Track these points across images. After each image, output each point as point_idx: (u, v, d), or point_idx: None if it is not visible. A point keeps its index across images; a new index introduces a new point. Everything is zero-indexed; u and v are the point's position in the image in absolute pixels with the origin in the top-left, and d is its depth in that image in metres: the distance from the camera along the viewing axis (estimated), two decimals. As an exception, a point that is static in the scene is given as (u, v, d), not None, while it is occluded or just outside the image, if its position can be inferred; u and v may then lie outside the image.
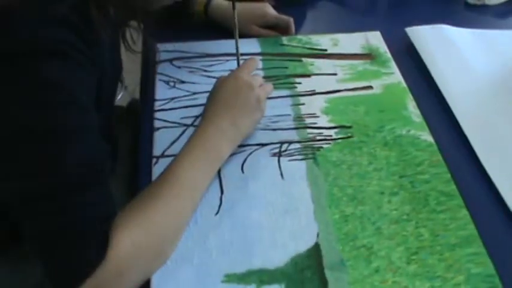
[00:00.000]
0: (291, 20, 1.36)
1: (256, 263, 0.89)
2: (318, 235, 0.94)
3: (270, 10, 1.35)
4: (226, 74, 1.07)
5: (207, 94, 1.06)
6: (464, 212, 0.99)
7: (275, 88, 1.17)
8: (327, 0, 1.54)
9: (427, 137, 1.12)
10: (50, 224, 0.76)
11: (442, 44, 1.36)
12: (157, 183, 0.90)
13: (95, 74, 0.85)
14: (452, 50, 1.35)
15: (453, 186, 1.03)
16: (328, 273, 0.89)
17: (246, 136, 1.04)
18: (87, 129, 0.81)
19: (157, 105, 1.16)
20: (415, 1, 1.60)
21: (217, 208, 0.97)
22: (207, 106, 1.03)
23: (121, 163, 1.19)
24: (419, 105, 1.20)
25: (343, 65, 1.29)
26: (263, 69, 1.25)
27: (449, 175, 1.05)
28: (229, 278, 0.87)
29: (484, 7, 1.60)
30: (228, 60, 1.25)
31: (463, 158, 1.11)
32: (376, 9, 1.59)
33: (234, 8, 1.10)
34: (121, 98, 1.45)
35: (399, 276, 0.89)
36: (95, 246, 0.77)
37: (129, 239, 0.80)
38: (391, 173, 1.04)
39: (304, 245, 0.92)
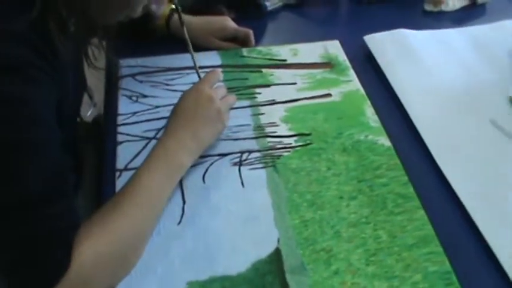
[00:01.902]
0: (250, 32, 1.38)
1: (219, 270, 0.91)
2: (278, 240, 0.96)
3: (230, 23, 1.38)
4: (188, 87, 1.09)
5: (169, 107, 1.07)
6: (421, 213, 1.01)
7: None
8: (287, 12, 1.56)
9: (384, 141, 1.15)
10: (13, 236, 0.77)
11: (400, 49, 1.39)
12: (120, 195, 0.92)
13: (55, 90, 0.86)
14: (410, 54, 1.38)
15: (410, 189, 1.05)
16: (289, 277, 0.90)
17: (207, 147, 1.06)
18: (49, 143, 0.82)
19: (120, 119, 1.17)
20: (373, 10, 1.63)
21: (179, 218, 0.99)
22: (169, 119, 1.04)
23: (87, 177, 1.20)
24: (378, 111, 1.22)
25: (302, 74, 1.31)
26: (224, 81, 1.26)
27: (406, 178, 1.07)
28: (192, 285, 0.89)
29: (441, 13, 1.64)
30: (189, 74, 1.27)
31: (421, 161, 1.13)
32: (336, 19, 1.61)
33: (182, 24, 1.13)
34: (90, 114, 1.46)
35: (358, 277, 0.91)
36: (59, 258, 0.78)
37: (93, 249, 0.81)
38: (350, 178, 1.07)
39: (265, 250, 0.94)
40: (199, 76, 1.13)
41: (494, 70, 1.36)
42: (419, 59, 1.38)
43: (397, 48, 1.39)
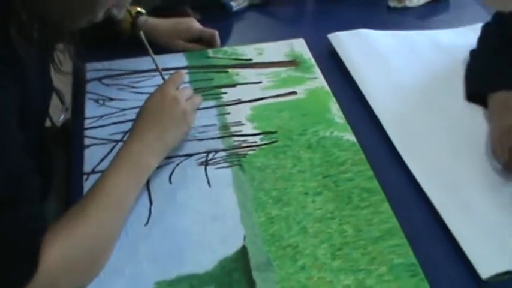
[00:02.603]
0: (216, 32, 1.39)
1: (186, 269, 0.92)
2: (244, 238, 0.97)
3: (195, 24, 1.39)
4: (154, 89, 1.10)
5: (136, 110, 1.08)
6: (386, 206, 1.03)
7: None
8: (253, 11, 1.57)
9: (349, 137, 1.16)
10: None
11: (362, 48, 1.41)
12: (86, 198, 0.92)
13: (17, 95, 0.86)
14: (373, 53, 1.41)
15: (375, 183, 1.07)
16: (255, 274, 0.91)
17: (172, 148, 1.07)
18: (11, 147, 0.82)
19: (87, 123, 1.18)
20: (339, 8, 1.65)
21: (146, 219, 0.99)
22: (135, 121, 1.05)
23: (58, 181, 1.20)
24: (342, 108, 1.24)
25: (267, 73, 1.33)
26: (190, 82, 1.28)
27: (371, 172, 1.09)
28: (160, 285, 0.89)
29: (405, 9, 1.66)
30: (155, 76, 1.28)
31: (385, 155, 1.15)
32: (301, 18, 1.63)
33: (139, 29, 1.16)
34: (63, 119, 1.46)
35: (324, 272, 0.92)
36: (26, 261, 0.78)
37: (60, 252, 0.82)
38: (315, 174, 1.08)
39: (231, 248, 0.95)
40: (163, 78, 1.14)
41: (454, 70, 1.39)
42: (382, 58, 1.40)
43: (361, 47, 1.42)
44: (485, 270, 0.94)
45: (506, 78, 1.24)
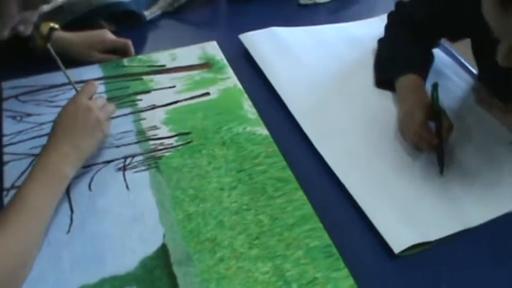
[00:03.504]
0: (129, 42, 1.42)
1: (109, 271, 0.94)
2: (164, 236, 1.00)
3: (108, 35, 1.41)
4: (70, 101, 1.12)
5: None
6: (300, 194, 1.07)
7: (118, 108, 1.22)
8: (167, 18, 1.60)
9: (262, 131, 1.21)
10: None
11: (273, 45, 1.46)
12: (4, 212, 0.93)
13: None
14: (283, 49, 1.46)
15: (289, 172, 1.11)
16: (176, 269, 0.95)
17: (88, 156, 1.09)
18: None
19: (5, 140, 1.19)
20: (250, 7, 1.69)
21: (68, 227, 1.01)
22: (50, 133, 1.07)
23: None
24: (256, 104, 1.28)
25: (181, 77, 1.36)
26: (106, 91, 1.30)
27: (284, 162, 1.13)
28: (84, 289, 0.91)
29: (315, 6, 1.72)
30: (72, 89, 1.29)
31: (298, 145, 1.20)
32: (214, 20, 1.67)
33: (45, 44, 1.20)
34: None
35: (242, 261, 0.96)
36: None
37: None
38: (230, 169, 1.12)
39: (152, 247, 0.98)
40: (76, 90, 1.16)
41: (364, 60, 1.45)
42: (293, 53, 1.46)
43: (272, 45, 1.47)
44: (397, 244, 0.99)
45: (410, 62, 1.30)
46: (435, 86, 1.20)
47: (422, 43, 1.37)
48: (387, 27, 1.46)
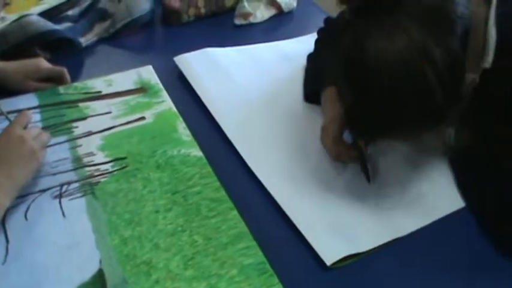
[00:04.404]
0: (64, 69, 1.42)
1: (45, 300, 0.95)
2: (100, 261, 1.01)
3: (43, 63, 1.41)
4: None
5: (-14, 154, 1.10)
6: (234, 213, 1.10)
7: (54, 136, 1.24)
8: (103, 44, 1.61)
9: (196, 152, 1.23)
10: None
11: (207, 66, 1.49)
12: None
13: None
14: (217, 69, 1.49)
15: (223, 192, 1.14)
16: (112, 294, 0.96)
17: (23, 186, 1.10)
18: None
19: None
20: (186, 31, 1.71)
21: (4, 258, 1.02)
22: None
23: None
24: (190, 126, 1.31)
25: (117, 102, 1.38)
26: (42, 120, 1.31)
27: (218, 183, 1.16)
28: (20, 319, 0.93)
29: (250, 26, 1.74)
30: (5, 119, 1.30)
31: (232, 165, 1.23)
32: (150, 44, 1.68)
33: None
34: None
35: (178, 282, 0.98)
36: None
37: None
38: (164, 192, 1.14)
39: (88, 273, 1.00)
40: (9, 120, 1.17)
41: (296, 76, 1.49)
42: (227, 73, 1.49)
43: (206, 65, 1.49)
44: (329, 257, 1.03)
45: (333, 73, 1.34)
46: None
47: None
48: (316, 42, 1.51)
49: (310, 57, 1.49)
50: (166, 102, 1.38)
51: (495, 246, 1.07)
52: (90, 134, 1.28)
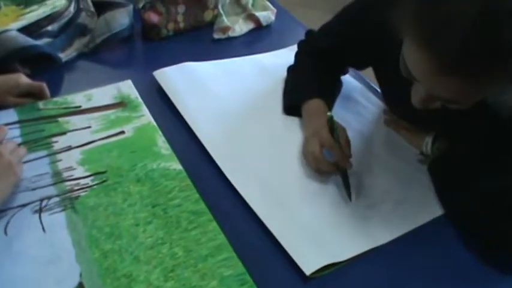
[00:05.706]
0: (44, 85, 1.43)
1: (25, 315, 0.95)
2: (81, 275, 1.02)
3: (23, 79, 1.41)
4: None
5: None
6: (213, 225, 1.11)
7: (33, 151, 1.25)
8: (83, 60, 1.62)
9: (176, 166, 1.24)
10: None
11: (186, 80, 1.51)
12: None
13: None
14: (196, 83, 1.51)
15: (202, 205, 1.15)
16: (92, 307, 0.97)
17: (2, 200, 1.11)
18: None
19: None
20: (166, 46, 1.73)
21: (-17, 273, 1.02)
22: None
23: None
24: (170, 139, 1.32)
25: (96, 117, 1.38)
26: (21, 135, 1.31)
27: (198, 195, 1.17)
28: (0, 334, 0.93)
29: (229, 40, 1.76)
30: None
31: (212, 177, 1.25)
32: (129, 59, 1.69)
33: None
34: None
35: (158, 294, 0.99)
36: None
37: None
38: (145, 205, 1.15)
39: (68, 287, 1.00)
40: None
41: (275, 88, 1.52)
42: (205, 86, 1.50)
43: (185, 79, 1.51)
44: (308, 266, 1.05)
45: (315, 87, 1.36)
46: (330, 119, 1.25)
47: (330, 70, 1.43)
48: (296, 55, 1.52)
49: (291, 70, 1.51)
50: (145, 117, 1.39)
51: (483, 245, 1.08)
52: (69, 148, 1.29)
